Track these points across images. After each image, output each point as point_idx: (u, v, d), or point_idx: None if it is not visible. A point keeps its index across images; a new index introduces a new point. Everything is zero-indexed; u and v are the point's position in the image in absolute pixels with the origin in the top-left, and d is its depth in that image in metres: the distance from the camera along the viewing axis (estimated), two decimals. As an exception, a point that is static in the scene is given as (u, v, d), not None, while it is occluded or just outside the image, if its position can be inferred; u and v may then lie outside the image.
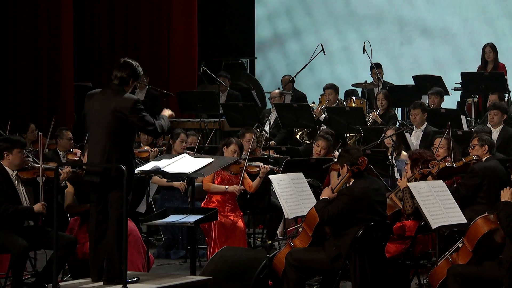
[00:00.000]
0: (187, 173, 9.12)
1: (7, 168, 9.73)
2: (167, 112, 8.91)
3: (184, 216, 9.20)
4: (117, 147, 8.37)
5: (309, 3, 19.69)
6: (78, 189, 9.96)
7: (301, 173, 9.56)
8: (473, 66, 16.34)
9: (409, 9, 18.92)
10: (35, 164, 9.99)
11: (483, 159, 10.16)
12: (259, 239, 12.21)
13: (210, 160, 9.22)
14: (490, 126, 13.18)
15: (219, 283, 9.00)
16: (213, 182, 11.01)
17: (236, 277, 9.24)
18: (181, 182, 11.85)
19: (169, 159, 9.24)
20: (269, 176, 9.72)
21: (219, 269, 9.31)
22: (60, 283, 8.51)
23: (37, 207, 9.60)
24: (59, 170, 9.99)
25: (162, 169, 9.05)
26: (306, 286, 8.97)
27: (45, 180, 9.83)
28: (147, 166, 9.16)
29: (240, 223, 11.00)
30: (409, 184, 8.78)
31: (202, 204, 11.02)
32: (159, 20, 18.34)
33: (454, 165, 9.94)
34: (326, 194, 8.69)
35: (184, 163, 9.18)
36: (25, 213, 9.61)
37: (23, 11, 16.44)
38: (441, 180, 9.06)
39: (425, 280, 9.31)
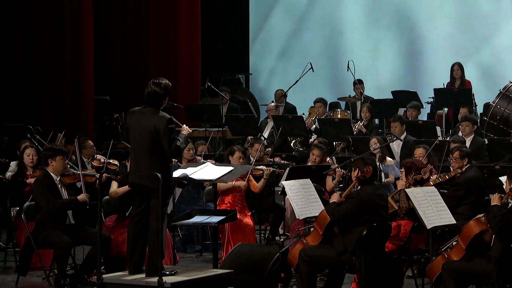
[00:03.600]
0: (211, 179, 9.22)
1: (52, 174, 9.83)
2: (185, 131, 8.95)
3: (208, 217, 9.29)
4: (158, 158, 8.41)
5: (299, 25, 19.86)
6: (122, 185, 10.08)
7: (309, 179, 9.63)
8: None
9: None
10: (76, 171, 10.08)
11: (463, 169, 10.32)
12: (263, 235, 12.29)
13: (231, 168, 9.30)
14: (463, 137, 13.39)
15: (237, 275, 9.05)
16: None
17: (252, 270, 9.31)
18: None
19: (195, 167, 9.32)
20: (282, 182, 9.79)
21: (236, 263, 9.37)
22: (102, 276, 8.58)
23: (81, 197, 9.68)
24: (96, 175, 10.16)
25: (189, 176, 9.13)
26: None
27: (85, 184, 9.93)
28: (176, 173, 9.21)
29: (250, 222, 11.07)
30: (407, 190, 8.85)
31: (216, 206, 11.09)
32: (167, 41, 18.37)
33: (441, 180, 10.12)
34: (335, 198, 8.76)
35: (208, 171, 9.24)
36: (71, 204, 9.68)
37: (49, 32, 16.53)
38: (433, 186, 9.21)
39: (415, 271, 9.48)
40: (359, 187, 8.76)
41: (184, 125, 9.12)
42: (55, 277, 9.58)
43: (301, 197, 9.32)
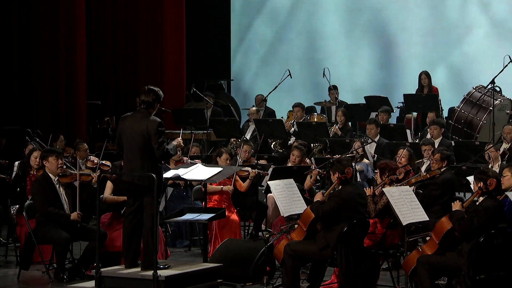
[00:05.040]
0: (202, 179, 9.26)
1: (50, 175, 9.84)
2: (176, 141, 9.01)
3: (198, 214, 9.34)
4: (149, 160, 8.45)
5: (279, 33, 19.94)
6: (116, 187, 10.06)
7: (292, 179, 9.68)
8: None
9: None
10: (72, 171, 10.09)
11: (442, 171, 10.43)
12: (247, 231, 12.33)
13: (220, 169, 9.37)
14: (432, 139, 13.54)
15: (225, 268, 9.12)
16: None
17: (239, 264, 9.40)
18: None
19: (186, 168, 9.38)
20: (268, 182, 9.82)
21: (224, 257, 9.45)
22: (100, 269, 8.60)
23: (74, 215, 9.66)
24: (91, 174, 10.19)
25: (181, 176, 9.17)
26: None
27: (81, 184, 9.93)
28: (169, 174, 9.27)
29: (236, 218, 11.07)
30: (384, 189, 8.88)
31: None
32: (154, 50, 18.45)
33: (423, 178, 10.15)
34: (318, 197, 8.84)
35: (199, 171, 9.30)
36: (63, 218, 9.67)
37: (44, 41, 16.56)
38: (408, 186, 9.27)
39: (389, 264, 9.55)
40: (340, 187, 8.84)
41: (179, 138, 9.20)
42: (55, 270, 9.60)
43: (285, 196, 9.34)
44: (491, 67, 16.63)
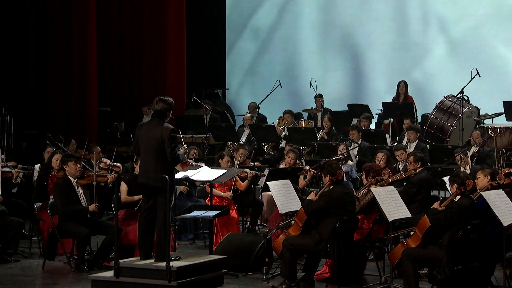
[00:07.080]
0: (209, 180, 9.33)
1: (70, 177, 9.90)
2: (182, 149, 9.06)
3: (204, 211, 9.42)
4: (163, 162, 8.52)
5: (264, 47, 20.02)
6: (130, 188, 10.12)
7: (289, 180, 9.76)
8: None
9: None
10: (90, 173, 10.14)
11: (417, 171, 10.54)
12: (245, 226, 12.38)
13: (224, 171, 9.44)
14: (408, 143, 13.67)
15: (228, 259, 9.17)
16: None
17: (240, 255, 9.48)
18: (184, 186, 11.92)
19: (194, 170, 9.45)
20: (268, 183, 9.89)
21: (227, 250, 9.52)
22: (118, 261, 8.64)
23: (92, 207, 9.77)
24: (107, 175, 10.26)
25: (190, 177, 9.24)
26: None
27: (97, 184, 10.00)
28: (178, 175, 9.33)
29: (235, 215, 11.11)
30: (372, 189, 8.96)
31: (207, 201, 11.16)
32: (157, 61, 18.49)
33: (399, 178, 10.20)
34: (311, 196, 8.92)
35: (205, 173, 9.38)
36: (83, 212, 9.78)
37: (59, 55, 16.65)
38: (392, 186, 9.37)
39: (374, 256, 9.64)
40: (331, 187, 8.93)
41: (185, 145, 9.25)
42: (75, 261, 9.67)
43: (282, 195, 9.42)
44: (448, 82, 16.93)
